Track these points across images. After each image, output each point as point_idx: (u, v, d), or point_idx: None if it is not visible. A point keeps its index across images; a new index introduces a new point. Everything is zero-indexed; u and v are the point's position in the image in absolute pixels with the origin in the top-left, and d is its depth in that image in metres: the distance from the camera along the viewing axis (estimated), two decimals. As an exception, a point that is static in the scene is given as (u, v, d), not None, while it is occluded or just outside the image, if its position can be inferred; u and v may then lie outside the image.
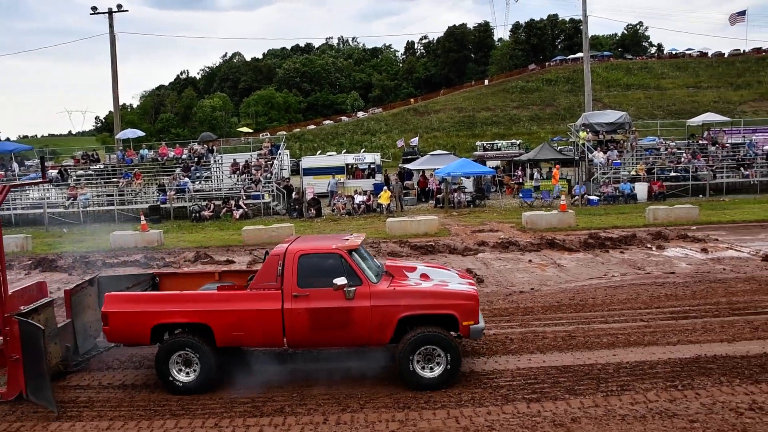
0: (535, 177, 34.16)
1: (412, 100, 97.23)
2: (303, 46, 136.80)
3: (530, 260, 16.23)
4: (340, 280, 8.06)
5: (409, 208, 30.02)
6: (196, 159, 34.57)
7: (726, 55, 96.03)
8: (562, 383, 8.08)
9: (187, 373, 8.28)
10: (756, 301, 11.72)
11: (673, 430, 6.85)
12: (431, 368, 8.16)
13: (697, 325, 10.23)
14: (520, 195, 30.80)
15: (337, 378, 8.52)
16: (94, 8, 39.37)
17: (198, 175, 33.20)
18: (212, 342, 8.29)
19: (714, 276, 13.77)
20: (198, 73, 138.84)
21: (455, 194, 30.07)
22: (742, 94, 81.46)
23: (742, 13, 78.06)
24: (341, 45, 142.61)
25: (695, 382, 8.01)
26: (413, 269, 9.45)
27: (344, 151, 51.32)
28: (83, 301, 9.71)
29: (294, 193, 30.37)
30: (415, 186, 35.32)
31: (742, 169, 33.50)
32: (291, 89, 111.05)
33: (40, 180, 22.05)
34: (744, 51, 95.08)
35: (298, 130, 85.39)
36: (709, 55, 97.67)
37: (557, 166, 33.27)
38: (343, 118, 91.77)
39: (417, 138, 57.98)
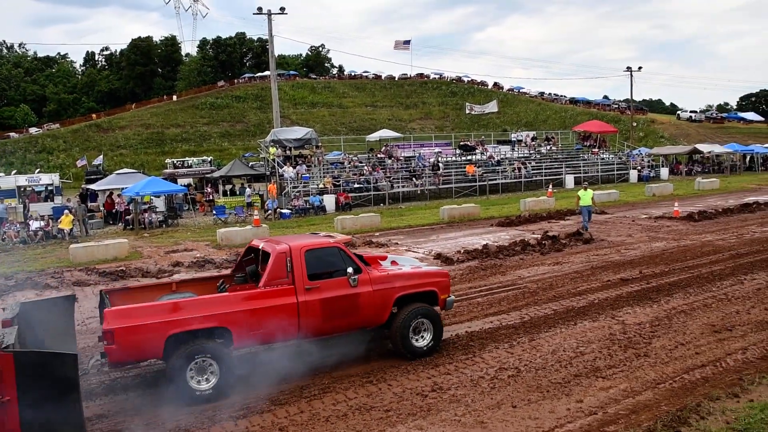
0: (247, 192, 34.09)
1: (94, 115, 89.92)
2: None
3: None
4: (350, 270, 8.89)
5: (96, 232, 27.65)
6: None
7: (396, 78, 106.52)
8: (266, 397, 8.13)
9: (206, 380, 8.08)
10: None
11: (371, 421, 7.32)
12: (416, 340, 9.33)
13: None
14: (214, 212, 30.49)
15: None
16: None
17: None
18: (229, 345, 8.35)
19: (396, 277, 15.10)
20: None
21: (146, 214, 28.57)
22: (410, 113, 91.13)
23: (407, 42, 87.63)
24: (5, 51, 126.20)
25: (387, 375, 8.69)
26: (384, 258, 10.64)
27: (15, 171, 45.40)
28: None
29: (-51, 222, 25.94)
30: (101, 208, 32.75)
31: (414, 179, 37.43)
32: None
33: None
34: (410, 76, 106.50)
35: (-47, 148, 73.43)
36: (383, 77, 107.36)
37: (273, 181, 33.57)
38: (12, 134, 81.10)
39: (101, 156, 54.01)
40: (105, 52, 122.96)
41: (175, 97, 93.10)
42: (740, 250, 17.02)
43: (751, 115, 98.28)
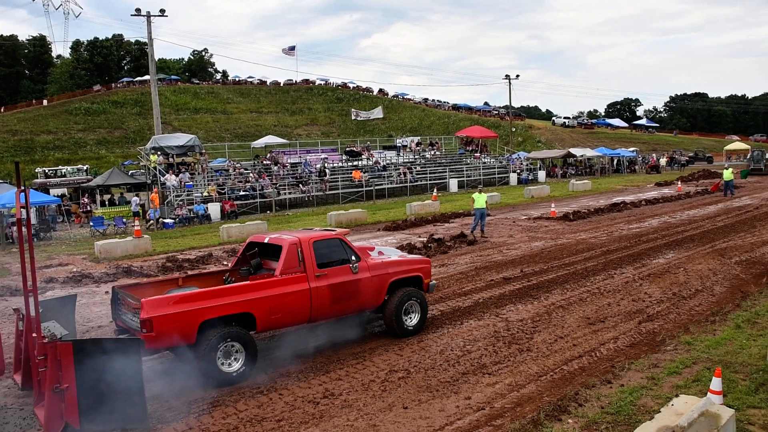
0: (135, 201, 32.44)
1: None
2: None
3: (106, 292, 15.29)
4: (353, 258, 9.96)
5: (-44, 247, 25.53)
6: None
7: (282, 84, 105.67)
8: (152, 414, 7.79)
9: (230, 364, 8.64)
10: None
11: (261, 432, 7.20)
12: (407, 320, 10.45)
13: (274, 334, 10.94)
14: (91, 224, 28.94)
15: None
16: None
17: None
18: (252, 329, 9.02)
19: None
20: None
21: (14, 228, 26.71)
22: (296, 119, 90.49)
23: (293, 47, 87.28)
24: None
25: (277, 384, 8.58)
26: (372, 249, 11.54)
27: None
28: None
29: None
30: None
31: (300, 185, 37.23)
32: None
33: None
34: (296, 81, 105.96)
35: None
36: (268, 83, 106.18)
37: (156, 189, 32.12)
38: None
39: (-39, 165, 50.04)
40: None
41: (45, 102, 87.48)
42: (610, 246, 18.14)
43: (617, 122, 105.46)
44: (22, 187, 7.40)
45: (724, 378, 7.23)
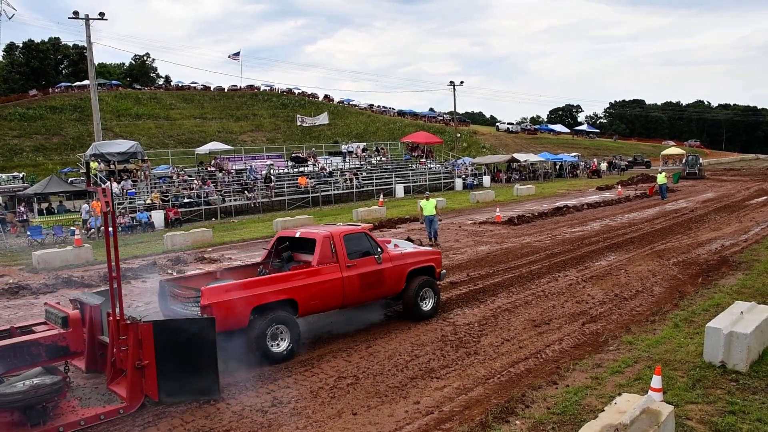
0: (84, 209, 31.28)
1: None
2: None
3: (46, 303, 14.75)
4: (378, 250, 11.00)
5: None
6: None
7: (226, 90, 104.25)
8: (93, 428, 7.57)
9: (277, 345, 9.51)
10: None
11: (208, 443, 7.06)
12: (424, 305, 11.52)
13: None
14: (29, 233, 27.93)
15: None
16: None
17: None
18: (295, 314, 9.82)
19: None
20: None
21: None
22: (241, 125, 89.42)
23: (237, 53, 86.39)
24: None
25: (225, 393, 8.43)
26: (389, 242, 12.59)
27: None
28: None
29: None
30: None
31: (246, 192, 36.80)
32: None
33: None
34: (240, 87, 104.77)
35: None
36: (212, 89, 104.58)
37: (96, 198, 31.01)
38: None
39: None
40: None
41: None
42: (554, 249, 18.51)
43: (559, 127, 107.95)
44: (101, 185, 7.66)
45: (663, 376, 7.45)
